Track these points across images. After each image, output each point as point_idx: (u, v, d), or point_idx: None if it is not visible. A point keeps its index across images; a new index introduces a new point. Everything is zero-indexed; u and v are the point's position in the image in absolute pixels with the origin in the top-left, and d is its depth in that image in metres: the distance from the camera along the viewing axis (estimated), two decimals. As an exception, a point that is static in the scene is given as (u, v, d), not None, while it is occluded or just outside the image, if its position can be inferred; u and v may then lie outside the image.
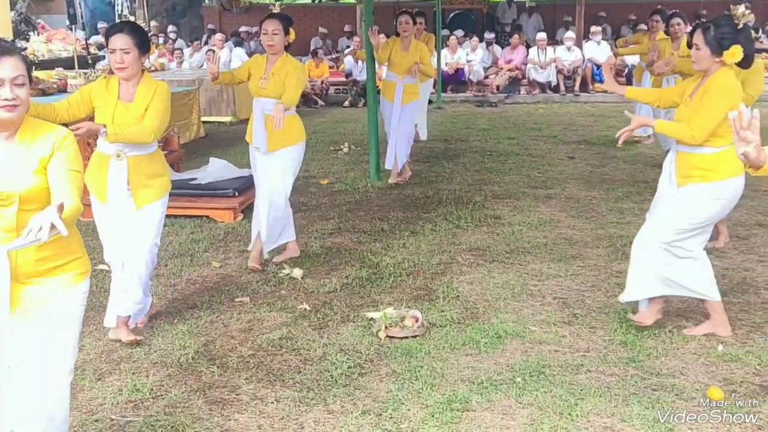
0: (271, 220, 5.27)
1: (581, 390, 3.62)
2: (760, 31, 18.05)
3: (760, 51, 16.52)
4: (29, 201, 2.49)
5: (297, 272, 5.25)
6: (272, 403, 3.57)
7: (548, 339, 4.19)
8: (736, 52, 3.81)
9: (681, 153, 4.06)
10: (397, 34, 7.94)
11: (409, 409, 3.48)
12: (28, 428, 2.59)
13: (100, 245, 4.35)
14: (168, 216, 4.59)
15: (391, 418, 3.42)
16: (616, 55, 11.72)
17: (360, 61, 13.99)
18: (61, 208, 2.27)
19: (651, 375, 3.77)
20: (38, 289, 2.57)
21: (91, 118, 4.11)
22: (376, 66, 8.31)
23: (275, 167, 5.19)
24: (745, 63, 3.90)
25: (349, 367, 3.90)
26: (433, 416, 3.41)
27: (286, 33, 5.14)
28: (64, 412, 2.69)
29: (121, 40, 3.96)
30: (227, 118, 12.43)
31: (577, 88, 15.08)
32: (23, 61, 2.51)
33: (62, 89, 11.50)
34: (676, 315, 4.45)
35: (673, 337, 4.17)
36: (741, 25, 3.83)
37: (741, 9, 3.86)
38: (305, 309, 4.67)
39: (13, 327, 2.51)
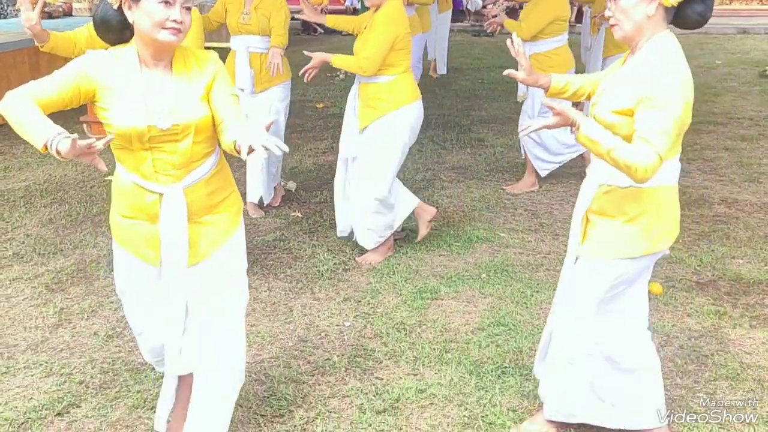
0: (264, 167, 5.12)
1: (538, 284, 4.10)
2: None
3: None
4: (201, 131, 2.34)
5: (291, 185, 5.70)
6: (265, 292, 4.06)
7: (515, 243, 4.66)
8: None
9: (362, 84, 4.21)
10: None
11: (384, 297, 3.98)
12: (208, 370, 2.53)
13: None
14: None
15: (369, 304, 3.91)
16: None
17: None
18: (268, 127, 2.13)
19: (601, 273, 4.24)
20: (209, 230, 2.45)
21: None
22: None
23: (262, 110, 4.92)
24: None
25: (334, 264, 4.39)
26: (405, 303, 3.90)
27: None
28: (241, 353, 2.60)
29: None
30: (227, 44, 12.63)
31: (572, 19, 15.20)
32: None
33: (67, 12, 11.78)
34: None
35: (627, 243, 4.62)
36: None
37: None
38: (297, 216, 5.14)
39: (188, 272, 2.43)
